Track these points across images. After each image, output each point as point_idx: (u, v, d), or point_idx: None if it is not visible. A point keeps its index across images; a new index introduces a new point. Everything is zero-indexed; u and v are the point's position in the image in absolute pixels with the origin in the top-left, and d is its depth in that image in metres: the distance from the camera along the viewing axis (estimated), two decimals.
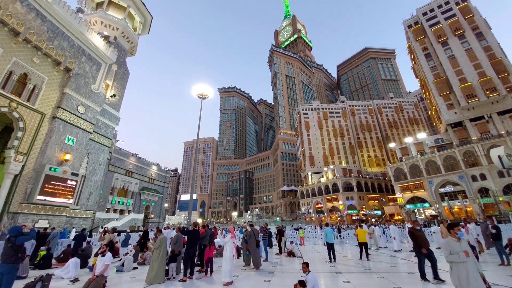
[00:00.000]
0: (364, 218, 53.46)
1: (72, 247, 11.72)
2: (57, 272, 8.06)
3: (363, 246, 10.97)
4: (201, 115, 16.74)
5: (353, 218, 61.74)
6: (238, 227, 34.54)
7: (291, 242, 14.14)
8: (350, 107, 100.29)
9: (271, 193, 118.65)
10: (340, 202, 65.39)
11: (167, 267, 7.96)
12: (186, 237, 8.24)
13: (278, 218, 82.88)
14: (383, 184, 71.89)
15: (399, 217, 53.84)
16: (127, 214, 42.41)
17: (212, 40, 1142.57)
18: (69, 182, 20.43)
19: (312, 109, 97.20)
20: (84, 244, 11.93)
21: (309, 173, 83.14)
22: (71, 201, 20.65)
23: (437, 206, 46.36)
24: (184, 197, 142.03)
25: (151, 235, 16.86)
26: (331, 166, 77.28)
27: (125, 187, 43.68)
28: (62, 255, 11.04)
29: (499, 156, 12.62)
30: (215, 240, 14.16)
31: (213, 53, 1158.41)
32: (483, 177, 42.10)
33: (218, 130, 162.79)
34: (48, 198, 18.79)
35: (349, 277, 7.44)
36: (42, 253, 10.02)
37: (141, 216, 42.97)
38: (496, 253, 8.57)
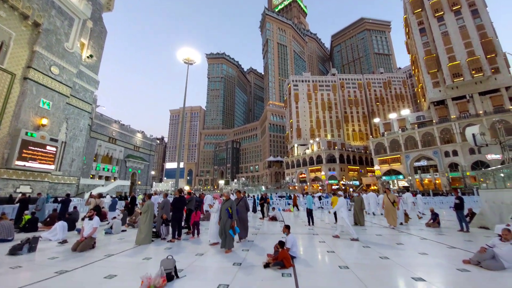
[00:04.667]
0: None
1: (58, 211, 11.80)
2: (44, 235, 8.13)
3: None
4: (187, 81, 16.05)
5: (333, 187, 65.74)
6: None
7: (273, 209, 15.05)
8: (340, 81, 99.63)
9: (257, 163, 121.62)
10: (323, 173, 68.76)
11: (154, 229, 8.34)
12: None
13: (263, 187, 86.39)
14: (363, 157, 75.60)
15: (375, 187, 57.94)
16: (112, 180, 42.38)
17: (198, 2, 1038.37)
18: (48, 148, 19.70)
19: (302, 81, 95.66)
20: (71, 209, 12.00)
21: (295, 145, 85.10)
22: (52, 167, 20.17)
23: (410, 178, 50.09)
24: (171, 165, 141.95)
25: (139, 200, 17.22)
26: (317, 139, 79.23)
27: (109, 154, 42.91)
28: (48, 219, 11.10)
29: (473, 134, 13.41)
30: (207, 197, 14.96)
31: (200, 17, 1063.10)
32: (455, 153, 45.26)
33: (205, 99, 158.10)
34: (27, 164, 18.21)
35: (324, 238, 8.22)
36: (27, 217, 9.97)
37: (127, 182, 43.13)
38: (457, 220, 9.64)
